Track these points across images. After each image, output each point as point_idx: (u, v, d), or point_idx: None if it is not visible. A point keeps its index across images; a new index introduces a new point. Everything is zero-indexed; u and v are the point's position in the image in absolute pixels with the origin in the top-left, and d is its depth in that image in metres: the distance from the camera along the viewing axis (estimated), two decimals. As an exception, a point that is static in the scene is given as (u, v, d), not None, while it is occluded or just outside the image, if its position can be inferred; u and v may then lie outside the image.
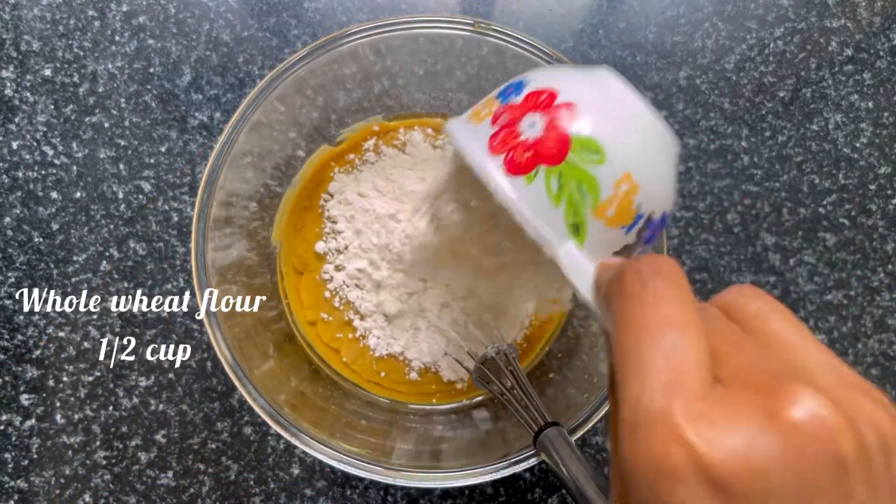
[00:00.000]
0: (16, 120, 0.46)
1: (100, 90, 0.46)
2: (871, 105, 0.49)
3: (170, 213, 0.45)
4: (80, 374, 0.42)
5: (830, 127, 0.49)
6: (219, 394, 0.42)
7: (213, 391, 0.42)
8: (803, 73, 0.50)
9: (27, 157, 0.45)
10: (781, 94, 0.49)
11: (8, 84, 0.46)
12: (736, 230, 0.47)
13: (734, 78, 0.49)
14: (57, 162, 0.45)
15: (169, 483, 0.41)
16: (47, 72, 0.47)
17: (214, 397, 0.42)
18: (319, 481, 0.42)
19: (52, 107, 0.46)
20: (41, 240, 0.44)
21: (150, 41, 0.47)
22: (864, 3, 0.51)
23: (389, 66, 0.40)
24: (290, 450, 0.42)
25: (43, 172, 0.45)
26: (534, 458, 0.32)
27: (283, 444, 0.42)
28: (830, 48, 0.50)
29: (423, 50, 0.39)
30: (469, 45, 0.38)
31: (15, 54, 0.47)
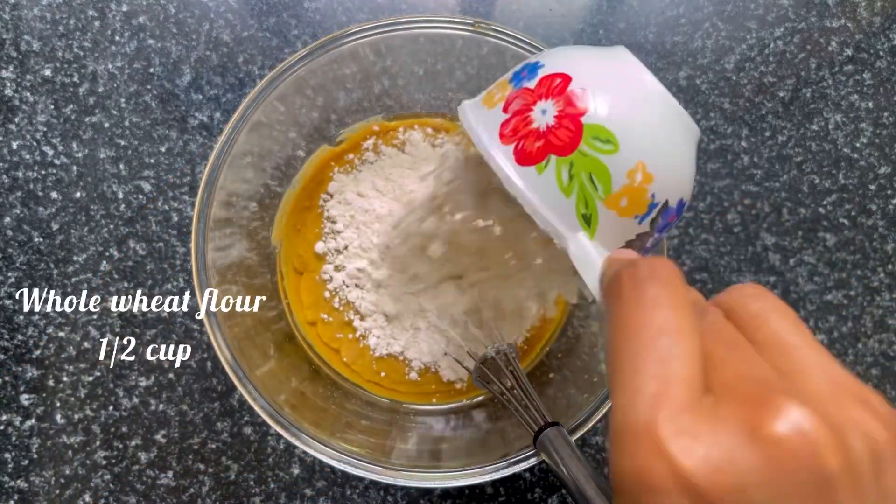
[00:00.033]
0: (16, 120, 0.46)
1: (100, 90, 0.46)
2: (871, 105, 0.49)
3: (170, 213, 0.45)
4: (80, 374, 0.42)
5: (830, 127, 0.49)
6: (219, 394, 0.42)
7: (213, 391, 0.42)
8: (803, 73, 0.50)
9: (27, 157, 0.45)
10: (781, 94, 0.49)
11: (8, 84, 0.46)
12: (736, 230, 0.47)
13: (734, 78, 0.49)
14: (57, 162, 0.45)
15: (169, 483, 0.41)
16: (47, 72, 0.47)
17: (214, 397, 0.42)
18: (319, 481, 0.42)
19: (52, 107, 0.46)
20: (41, 240, 0.44)
21: (150, 41, 0.47)
22: (864, 3, 0.51)
23: (389, 66, 0.40)
24: (290, 450, 0.42)
25: (43, 172, 0.45)
26: (534, 458, 0.32)
27: (283, 444, 0.42)
28: (830, 48, 0.50)
29: (423, 50, 0.39)
30: (469, 45, 0.38)
31: (15, 54, 0.47)
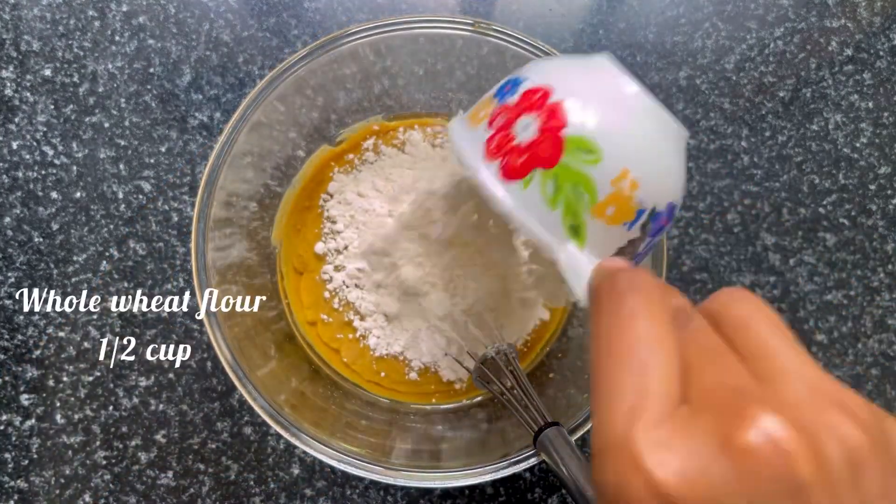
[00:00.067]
0: (16, 120, 0.46)
1: (100, 90, 0.46)
2: (871, 105, 0.49)
3: (170, 213, 0.45)
4: (80, 374, 0.42)
5: (830, 127, 0.49)
6: (219, 394, 0.42)
7: (213, 391, 0.42)
8: (803, 73, 0.50)
9: (27, 157, 0.45)
10: (781, 94, 0.49)
11: (8, 84, 0.46)
12: (736, 230, 0.47)
13: (734, 78, 0.49)
14: (57, 162, 0.45)
15: (169, 483, 0.41)
16: (47, 72, 0.47)
17: (214, 397, 0.42)
18: (319, 481, 0.42)
19: (52, 107, 0.46)
20: (41, 240, 0.44)
21: (150, 41, 0.47)
22: (864, 3, 0.51)
23: (389, 66, 0.40)
24: (290, 450, 0.42)
25: (43, 172, 0.45)
26: (534, 458, 0.32)
27: (283, 444, 0.42)
28: (830, 48, 0.50)
29: (423, 50, 0.39)
30: (469, 45, 0.38)
31: (15, 54, 0.47)
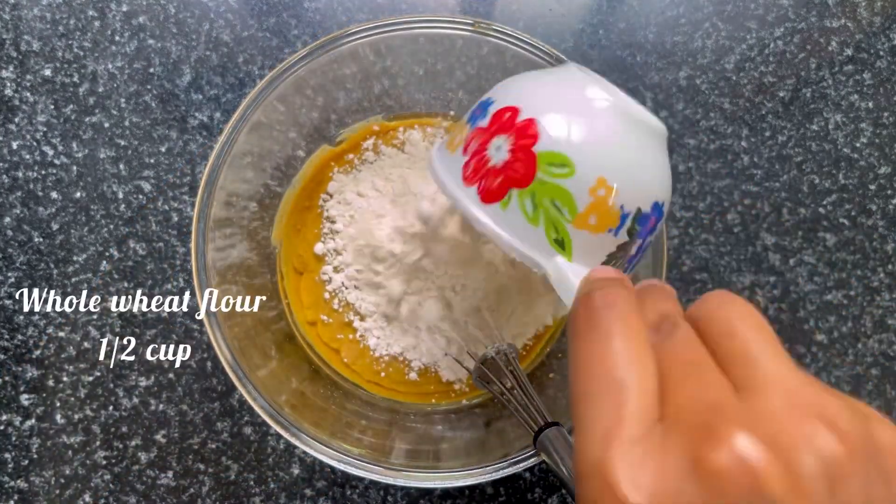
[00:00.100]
0: (16, 120, 0.46)
1: (100, 90, 0.46)
2: (871, 105, 0.49)
3: (170, 213, 0.45)
4: (80, 374, 0.42)
5: (830, 127, 0.49)
6: (219, 394, 0.42)
7: (213, 391, 0.42)
8: (803, 73, 0.50)
9: (27, 157, 0.45)
10: (781, 94, 0.49)
11: (8, 84, 0.46)
12: (736, 230, 0.47)
13: (734, 78, 0.49)
14: (57, 162, 0.45)
15: (169, 483, 0.41)
16: (47, 72, 0.47)
17: (214, 397, 0.42)
18: (319, 481, 0.42)
19: (52, 107, 0.46)
20: (41, 240, 0.44)
21: (150, 41, 0.47)
22: (864, 3, 0.51)
23: (389, 66, 0.40)
24: (290, 450, 0.42)
25: (43, 172, 0.45)
26: (534, 458, 0.32)
27: (283, 444, 0.42)
28: (830, 48, 0.50)
29: (423, 50, 0.39)
30: (469, 45, 0.38)
31: (15, 54, 0.47)
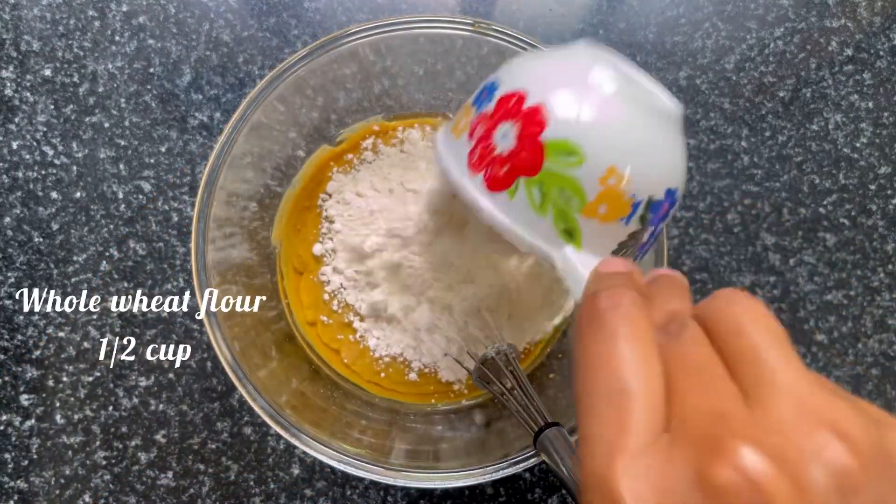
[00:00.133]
0: (16, 120, 0.46)
1: (100, 90, 0.46)
2: (871, 105, 0.49)
3: (170, 213, 0.45)
4: (80, 374, 0.42)
5: (830, 127, 0.49)
6: (219, 394, 0.42)
7: (213, 391, 0.42)
8: (803, 73, 0.50)
9: (27, 157, 0.45)
10: (781, 94, 0.49)
11: (8, 84, 0.46)
12: (736, 230, 0.47)
13: (734, 78, 0.49)
14: (57, 162, 0.45)
15: (169, 483, 0.41)
16: (47, 72, 0.47)
17: (214, 397, 0.42)
18: (319, 481, 0.42)
19: (52, 107, 0.46)
20: (41, 240, 0.44)
21: (150, 41, 0.47)
22: (864, 3, 0.51)
23: (389, 66, 0.40)
24: (290, 450, 0.42)
25: (43, 172, 0.45)
26: (534, 458, 0.32)
27: (283, 444, 0.42)
28: (830, 48, 0.50)
29: (423, 50, 0.39)
30: (469, 45, 0.38)
31: (15, 54, 0.47)
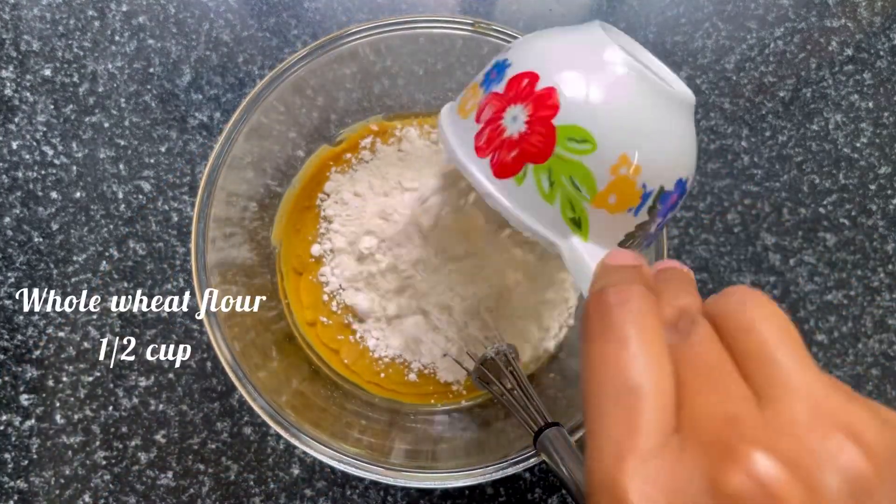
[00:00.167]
0: (16, 120, 0.46)
1: (100, 90, 0.46)
2: (871, 105, 0.49)
3: (170, 213, 0.45)
4: (79, 374, 0.42)
5: (830, 127, 0.49)
6: (219, 394, 0.42)
7: (213, 391, 0.42)
8: (803, 73, 0.50)
9: (27, 157, 0.45)
10: (781, 94, 0.49)
11: (8, 84, 0.46)
12: (736, 230, 0.47)
13: (734, 78, 0.49)
14: (57, 162, 0.45)
15: (169, 483, 0.41)
16: (47, 72, 0.47)
17: (214, 397, 0.42)
18: (319, 481, 0.42)
19: (52, 107, 0.46)
20: (41, 240, 0.44)
21: (150, 41, 0.47)
22: (864, 3, 0.51)
23: (389, 66, 0.40)
24: (290, 450, 0.42)
25: (43, 172, 0.45)
26: (534, 458, 0.32)
27: (282, 444, 0.42)
28: (830, 48, 0.50)
29: (423, 50, 0.39)
30: (469, 45, 0.38)
31: (15, 54, 0.47)
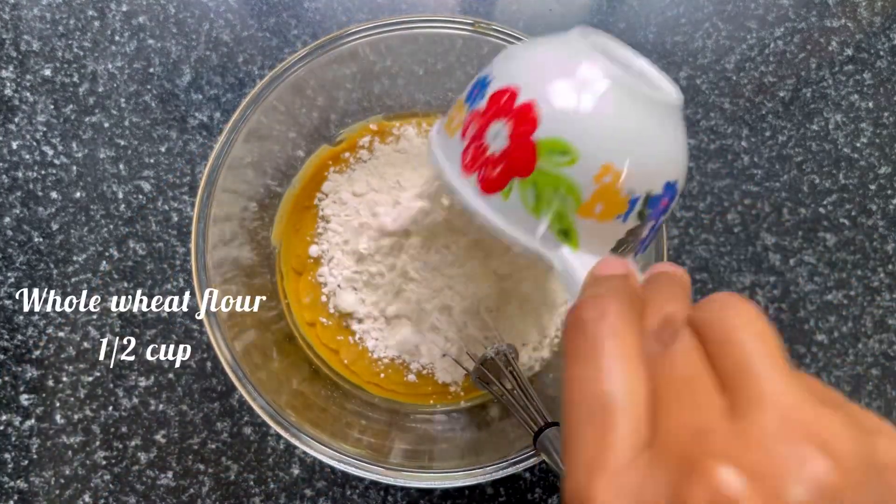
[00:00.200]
0: (16, 120, 0.46)
1: (100, 90, 0.46)
2: (871, 105, 0.49)
3: (170, 213, 0.45)
4: (79, 374, 0.42)
5: (830, 127, 0.49)
6: (219, 394, 0.42)
7: (213, 391, 0.42)
8: (803, 73, 0.50)
9: (27, 157, 0.45)
10: (781, 94, 0.49)
11: (8, 84, 0.46)
12: (736, 230, 0.47)
13: (734, 78, 0.49)
14: (57, 162, 0.45)
15: (169, 483, 0.41)
16: (47, 72, 0.47)
17: (214, 397, 0.42)
18: (319, 481, 0.42)
19: (52, 107, 0.46)
20: (41, 240, 0.44)
21: (150, 41, 0.47)
22: (864, 3, 0.51)
23: (389, 66, 0.40)
24: (290, 450, 0.42)
25: (43, 172, 0.45)
26: (534, 458, 0.32)
27: (283, 444, 0.42)
28: (830, 48, 0.50)
29: (423, 50, 0.39)
30: (469, 45, 0.38)
31: (15, 54, 0.47)
